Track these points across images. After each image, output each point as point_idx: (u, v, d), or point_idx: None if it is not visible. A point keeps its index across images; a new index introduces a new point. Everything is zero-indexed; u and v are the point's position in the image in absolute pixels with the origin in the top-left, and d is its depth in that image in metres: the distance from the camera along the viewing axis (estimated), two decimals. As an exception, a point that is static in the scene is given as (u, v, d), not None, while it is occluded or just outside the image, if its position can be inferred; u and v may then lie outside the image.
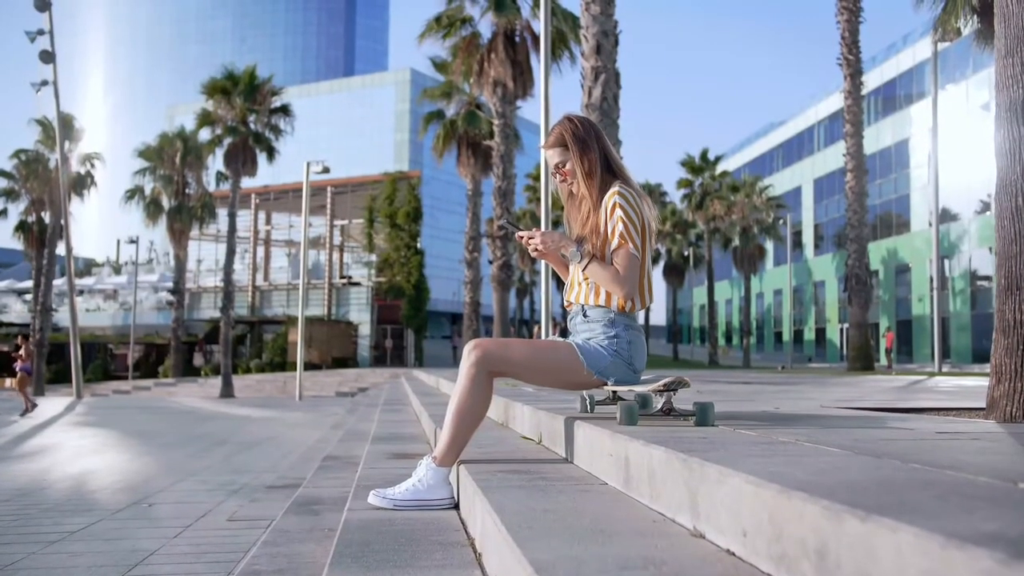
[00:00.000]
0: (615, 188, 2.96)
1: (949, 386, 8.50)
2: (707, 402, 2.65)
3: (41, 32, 26.86)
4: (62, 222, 28.75)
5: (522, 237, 3.06)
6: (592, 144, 3.05)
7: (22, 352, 17.78)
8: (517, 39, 24.74)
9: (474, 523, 2.33)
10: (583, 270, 2.96)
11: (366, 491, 3.31)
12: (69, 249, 28.23)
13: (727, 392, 6.16)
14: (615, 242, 2.91)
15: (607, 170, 3.06)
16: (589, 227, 3.00)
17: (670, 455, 1.85)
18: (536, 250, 3.05)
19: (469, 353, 2.86)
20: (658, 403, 2.73)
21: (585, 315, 3.00)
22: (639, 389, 2.73)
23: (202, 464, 7.48)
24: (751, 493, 1.41)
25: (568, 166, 3.07)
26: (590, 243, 2.97)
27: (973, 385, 8.80)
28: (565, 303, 3.16)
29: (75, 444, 9.80)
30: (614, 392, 3.20)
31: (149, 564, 3.44)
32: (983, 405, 4.13)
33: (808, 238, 52.62)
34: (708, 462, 1.65)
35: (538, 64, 21.26)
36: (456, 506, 2.78)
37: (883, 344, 38.52)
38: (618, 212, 2.91)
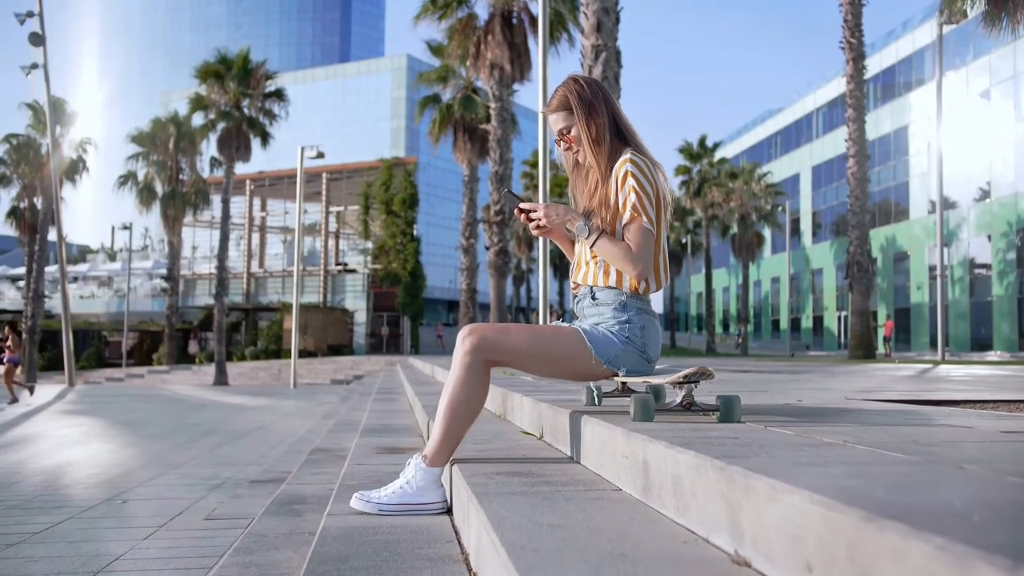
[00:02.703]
0: (626, 156, 2.64)
1: (961, 375, 8.22)
2: (732, 395, 2.34)
3: (31, 14, 26.45)
4: (54, 208, 28.34)
5: (523, 211, 2.74)
6: (600, 107, 2.73)
7: (10, 343, 17.39)
8: (514, 21, 24.31)
9: (468, 534, 2.03)
10: (591, 247, 2.65)
11: (350, 491, 3.02)
12: (61, 235, 27.85)
13: (735, 381, 5.86)
14: (627, 215, 2.59)
15: (617, 136, 2.74)
16: (597, 199, 2.68)
17: (703, 461, 1.54)
18: (539, 226, 2.73)
19: (463, 339, 2.55)
20: (676, 396, 2.42)
21: (594, 298, 2.68)
22: (655, 381, 2.41)
23: (186, 456, 7.18)
24: (819, 517, 1.11)
25: (573, 132, 2.75)
26: (599, 217, 2.66)
27: (987, 374, 8.53)
28: (571, 284, 2.84)
29: (59, 434, 9.49)
30: (623, 383, 2.90)
31: (112, 571, 3.14)
32: (1018, 397, 3.85)
33: (806, 225, 52.31)
34: (753, 472, 1.34)
35: (536, 46, 20.92)
36: (449, 510, 2.49)
37: (881, 332, 38.29)
38: (630, 182, 2.60)
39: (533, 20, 23.71)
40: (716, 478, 1.47)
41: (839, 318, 47.99)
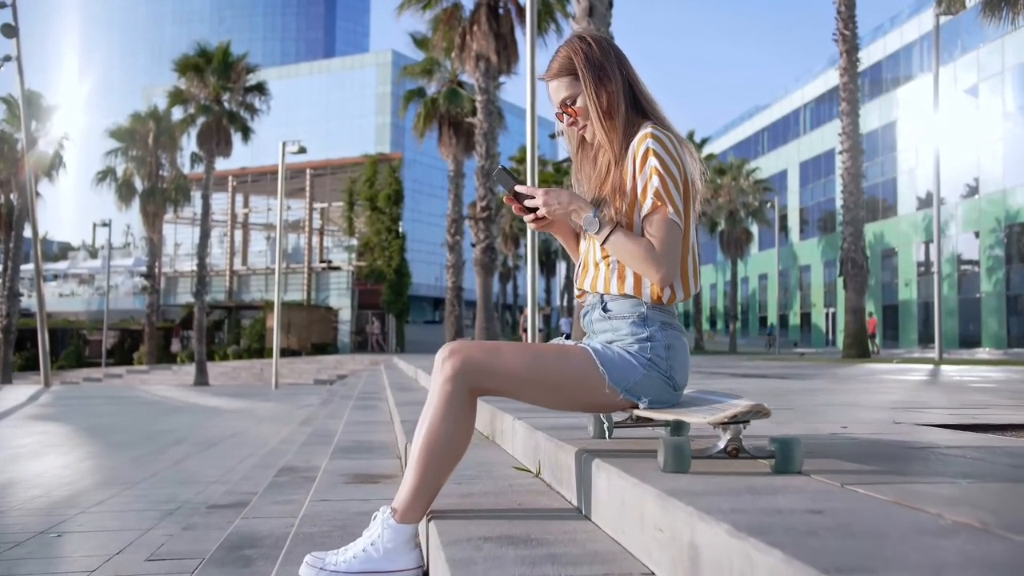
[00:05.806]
0: (646, 130, 2.10)
1: (978, 379, 7.75)
2: (790, 438, 1.80)
3: (3, 4, 25.66)
4: (30, 204, 27.55)
5: (517, 196, 2.19)
6: (612, 71, 2.18)
7: None
8: (501, 11, 23.72)
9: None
10: (602, 244, 2.10)
11: (306, 541, 2.50)
12: (35, 232, 27.07)
13: (744, 392, 5.33)
14: (648, 204, 2.05)
15: (633, 107, 2.19)
16: (610, 185, 2.13)
17: (800, 573, 1.01)
18: (536, 217, 2.19)
19: (443, 362, 2.00)
20: (718, 438, 1.87)
21: (606, 309, 2.13)
22: (690, 419, 1.86)
23: (147, 471, 6.61)
24: None
25: (579, 102, 2.20)
26: (612, 207, 2.11)
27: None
28: (576, 291, 2.29)
29: (16, 444, 8.88)
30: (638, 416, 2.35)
31: (16, 640, 2.59)
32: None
33: (794, 222, 52.05)
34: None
35: (523, 36, 20.38)
36: (425, 576, 1.96)
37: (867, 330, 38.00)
38: (652, 162, 2.05)
39: (520, 9, 23.15)
40: (832, 610, 0.93)
41: (827, 315, 47.73)
